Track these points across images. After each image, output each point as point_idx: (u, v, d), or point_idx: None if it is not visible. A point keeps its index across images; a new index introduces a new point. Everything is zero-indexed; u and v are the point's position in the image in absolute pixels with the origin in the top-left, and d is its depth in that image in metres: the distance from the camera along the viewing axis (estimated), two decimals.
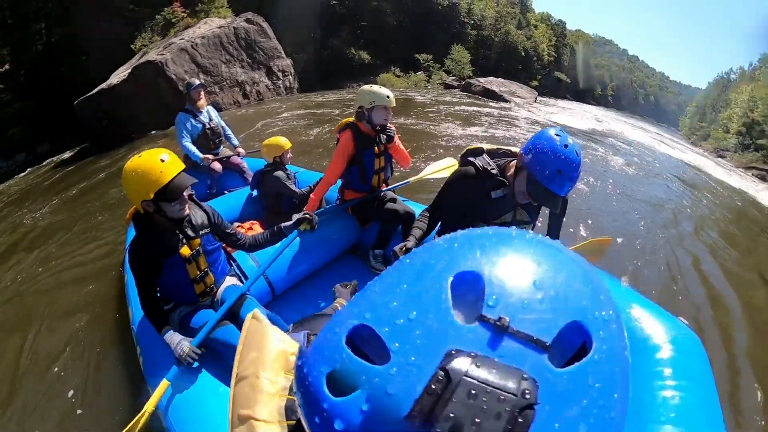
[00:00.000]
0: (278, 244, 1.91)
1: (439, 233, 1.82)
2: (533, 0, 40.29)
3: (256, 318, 0.55)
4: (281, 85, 12.66)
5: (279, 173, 2.98)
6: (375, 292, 0.34)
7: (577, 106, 26.64)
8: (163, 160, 1.48)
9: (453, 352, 0.27)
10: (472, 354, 0.27)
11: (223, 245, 1.94)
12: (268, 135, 6.36)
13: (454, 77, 21.61)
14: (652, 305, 1.53)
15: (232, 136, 3.82)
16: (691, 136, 32.07)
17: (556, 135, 1.43)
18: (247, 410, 0.44)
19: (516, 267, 0.32)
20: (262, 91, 11.70)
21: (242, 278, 2.04)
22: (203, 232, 1.72)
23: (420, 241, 1.72)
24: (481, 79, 21.93)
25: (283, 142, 3.03)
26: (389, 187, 2.68)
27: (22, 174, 9.36)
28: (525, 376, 0.26)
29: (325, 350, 0.32)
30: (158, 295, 1.73)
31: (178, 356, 1.51)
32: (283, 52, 12.77)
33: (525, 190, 1.53)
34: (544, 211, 1.79)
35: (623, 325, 0.34)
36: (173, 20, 12.93)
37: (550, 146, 1.41)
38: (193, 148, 3.48)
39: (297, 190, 2.97)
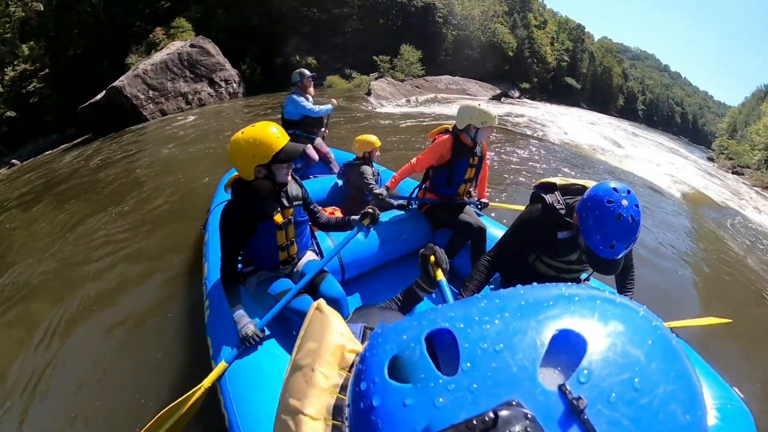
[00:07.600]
0: (353, 230, 1.91)
1: (504, 275, 1.81)
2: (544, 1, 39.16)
3: (320, 309, 0.54)
4: (224, 92, 17.21)
5: (365, 168, 3.13)
6: (477, 307, 0.34)
7: (564, 110, 25.62)
8: (274, 131, 1.64)
9: (514, 403, 0.26)
10: (530, 416, 0.25)
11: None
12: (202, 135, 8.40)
13: (406, 77, 23.16)
14: (707, 369, 1.47)
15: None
16: (719, 156, 27.96)
17: (613, 189, 1.28)
18: (297, 402, 0.45)
19: (624, 351, 0.29)
20: (203, 98, 16.36)
21: (320, 255, 2.14)
22: (296, 203, 1.86)
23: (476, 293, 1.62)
24: (429, 78, 24.19)
25: (374, 139, 3.19)
26: (470, 200, 2.77)
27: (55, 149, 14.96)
28: None
29: (404, 334, 0.33)
30: (240, 258, 1.82)
31: (243, 336, 1.56)
32: (227, 65, 17.18)
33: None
34: None
35: None
36: (156, 41, 17.92)
37: (596, 202, 1.29)
38: (316, 107, 3.78)
39: (377, 188, 2.96)
